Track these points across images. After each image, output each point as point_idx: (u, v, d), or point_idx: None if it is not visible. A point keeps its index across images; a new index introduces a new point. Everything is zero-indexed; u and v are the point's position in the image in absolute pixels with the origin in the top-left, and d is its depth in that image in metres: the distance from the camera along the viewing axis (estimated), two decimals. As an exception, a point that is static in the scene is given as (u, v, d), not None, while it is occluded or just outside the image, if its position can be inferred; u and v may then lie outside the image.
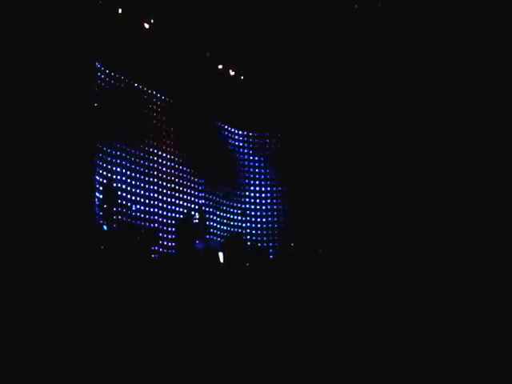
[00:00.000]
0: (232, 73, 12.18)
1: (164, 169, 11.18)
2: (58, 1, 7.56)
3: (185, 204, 11.46)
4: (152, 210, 10.73)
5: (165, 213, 11.01)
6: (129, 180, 10.31)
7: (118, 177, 10.05)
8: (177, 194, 11.39)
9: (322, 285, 5.68)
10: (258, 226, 12.94)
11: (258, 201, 13.06)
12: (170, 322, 4.85)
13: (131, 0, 10.03)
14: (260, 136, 13.28)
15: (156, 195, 10.89)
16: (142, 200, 10.54)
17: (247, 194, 13.07)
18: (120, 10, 9.89)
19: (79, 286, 5.28)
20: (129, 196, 10.26)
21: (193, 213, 10.67)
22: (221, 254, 9.72)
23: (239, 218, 12.82)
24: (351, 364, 4.36)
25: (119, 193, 9.94)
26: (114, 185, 9.74)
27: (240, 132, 13.17)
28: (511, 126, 8.39)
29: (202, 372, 4.28)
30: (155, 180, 10.93)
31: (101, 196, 9.35)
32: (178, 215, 11.17)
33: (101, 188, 9.40)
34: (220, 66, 11.94)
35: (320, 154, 12.22)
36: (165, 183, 11.15)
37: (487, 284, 5.56)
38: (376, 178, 10.44)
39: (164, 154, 11.24)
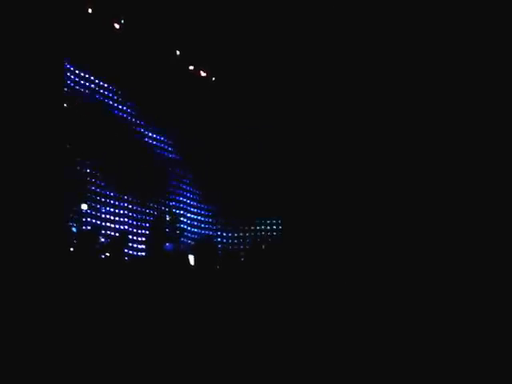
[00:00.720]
0: (203, 74, 12.18)
1: (135, 170, 11.06)
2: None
3: (156, 206, 11.38)
4: (122, 211, 10.61)
5: (135, 215, 10.90)
6: (98, 181, 10.19)
7: (88, 178, 9.92)
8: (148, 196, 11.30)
9: (297, 286, 5.70)
10: (229, 228, 12.92)
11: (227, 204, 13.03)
12: (143, 324, 4.82)
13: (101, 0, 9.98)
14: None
15: (126, 197, 10.77)
16: (112, 202, 10.42)
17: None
18: (90, 10, 9.82)
19: (47, 289, 5.20)
20: (98, 198, 10.13)
21: (164, 215, 10.60)
22: (191, 257, 9.66)
23: (210, 220, 12.78)
24: (343, 365, 4.36)
25: (88, 194, 9.84)
26: (84, 186, 9.63)
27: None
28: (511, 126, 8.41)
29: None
30: (125, 181, 10.81)
31: (70, 197, 9.21)
32: (148, 217, 11.08)
33: (70, 190, 9.26)
34: (191, 67, 11.93)
35: (303, 154, 12.08)
36: (135, 185, 11.04)
37: (487, 284, 5.58)
38: (363, 175, 10.38)
39: (135, 155, 11.13)
